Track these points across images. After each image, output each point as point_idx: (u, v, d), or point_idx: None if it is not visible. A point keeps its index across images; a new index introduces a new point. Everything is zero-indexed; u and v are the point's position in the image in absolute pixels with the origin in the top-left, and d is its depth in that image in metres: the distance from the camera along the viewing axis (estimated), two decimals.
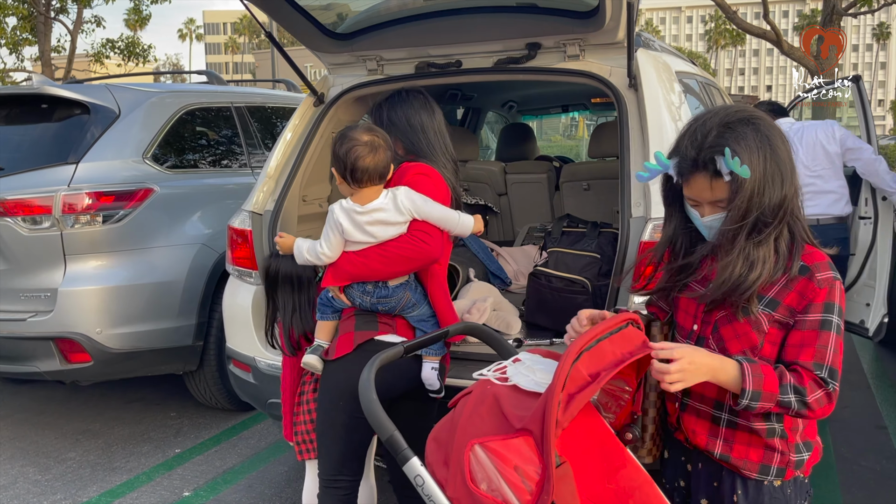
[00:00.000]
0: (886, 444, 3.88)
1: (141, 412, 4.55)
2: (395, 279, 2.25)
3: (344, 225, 2.19)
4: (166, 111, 4.41)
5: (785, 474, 1.64)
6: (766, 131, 1.56)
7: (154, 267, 4.04)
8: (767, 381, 1.53)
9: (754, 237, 1.56)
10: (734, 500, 1.66)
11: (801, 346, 1.56)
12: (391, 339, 2.26)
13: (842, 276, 4.15)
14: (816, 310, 1.55)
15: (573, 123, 26.37)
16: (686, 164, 1.59)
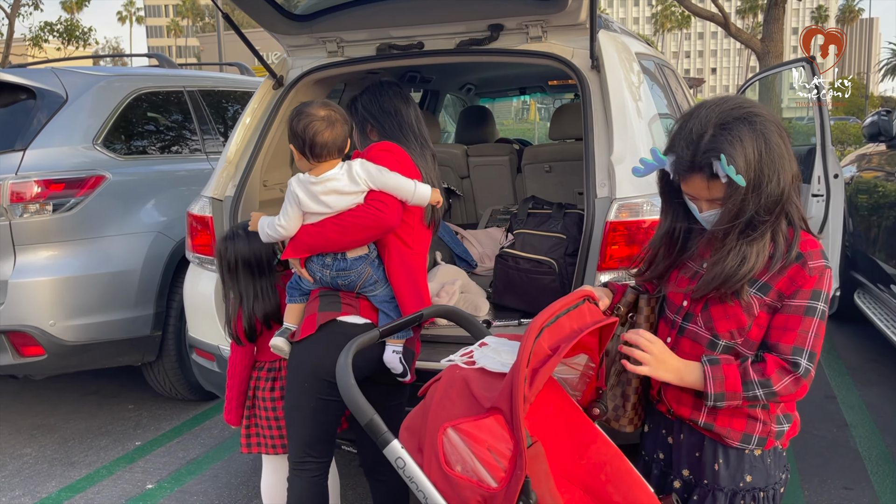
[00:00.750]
0: (836, 413, 4.03)
1: (97, 405, 4.44)
2: (353, 251, 2.25)
3: (300, 196, 2.19)
4: (116, 95, 4.28)
5: (766, 444, 1.68)
6: (763, 128, 1.56)
7: (108, 256, 3.93)
8: (729, 382, 1.60)
9: (748, 234, 1.57)
10: (716, 468, 1.71)
11: (784, 330, 1.59)
12: (354, 320, 2.26)
13: None
14: (804, 296, 1.58)
15: (524, 107, 26.56)
16: (682, 165, 1.60)
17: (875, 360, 4.86)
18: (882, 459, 3.47)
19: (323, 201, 2.18)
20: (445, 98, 5.95)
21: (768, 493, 1.71)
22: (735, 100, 1.63)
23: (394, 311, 2.30)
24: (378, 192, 2.20)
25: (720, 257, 1.59)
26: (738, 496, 1.70)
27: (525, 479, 1.43)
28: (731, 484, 1.70)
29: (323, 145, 2.17)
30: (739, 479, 1.70)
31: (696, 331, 1.70)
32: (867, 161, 5.47)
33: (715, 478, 1.71)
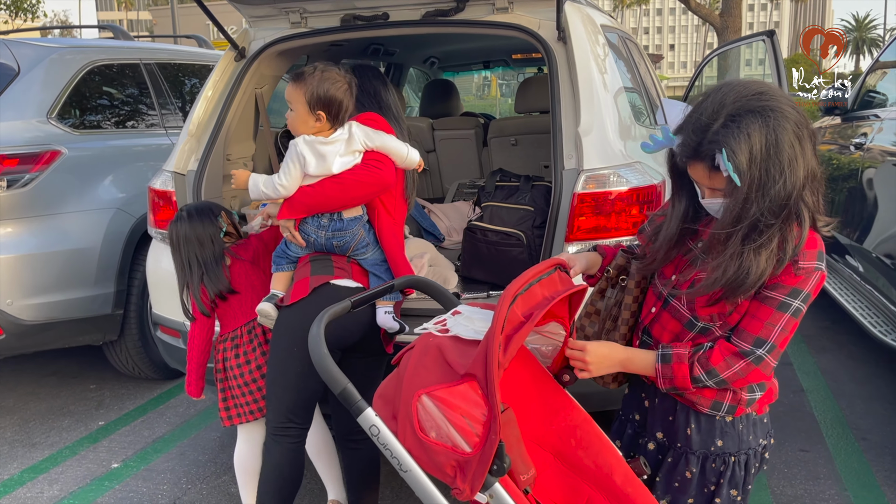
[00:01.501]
0: (793, 379, 4.16)
1: (57, 386, 4.35)
2: (349, 212, 2.28)
3: (307, 156, 2.21)
4: (70, 68, 4.14)
5: (736, 411, 1.70)
6: (776, 124, 1.46)
7: (66, 233, 3.83)
8: (679, 379, 1.63)
9: (754, 239, 1.49)
10: (688, 433, 1.74)
11: (753, 317, 1.58)
12: (347, 284, 2.28)
13: None
14: (782, 291, 1.54)
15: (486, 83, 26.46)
16: (686, 151, 1.55)
17: (829, 328, 5.01)
18: (836, 422, 3.60)
19: (327, 163, 2.22)
20: (409, 72, 5.89)
21: (740, 458, 1.73)
22: (756, 87, 1.52)
23: (385, 274, 2.34)
24: (374, 152, 2.26)
25: (721, 262, 1.52)
26: (709, 460, 1.73)
27: (499, 443, 1.45)
28: (702, 448, 1.73)
29: (346, 110, 2.25)
30: (710, 444, 1.72)
31: (679, 308, 1.69)
32: (822, 134, 5.59)
33: (687, 441, 1.75)
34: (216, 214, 2.52)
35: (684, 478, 1.77)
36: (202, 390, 2.62)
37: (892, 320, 3.70)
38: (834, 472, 3.13)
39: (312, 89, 2.19)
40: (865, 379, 4.14)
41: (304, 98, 2.21)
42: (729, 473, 1.73)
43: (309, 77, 2.22)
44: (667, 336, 1.72)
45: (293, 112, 2.24)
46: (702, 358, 1.60)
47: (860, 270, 4.20)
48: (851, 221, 4.40)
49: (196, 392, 2.61)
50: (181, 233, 2.47)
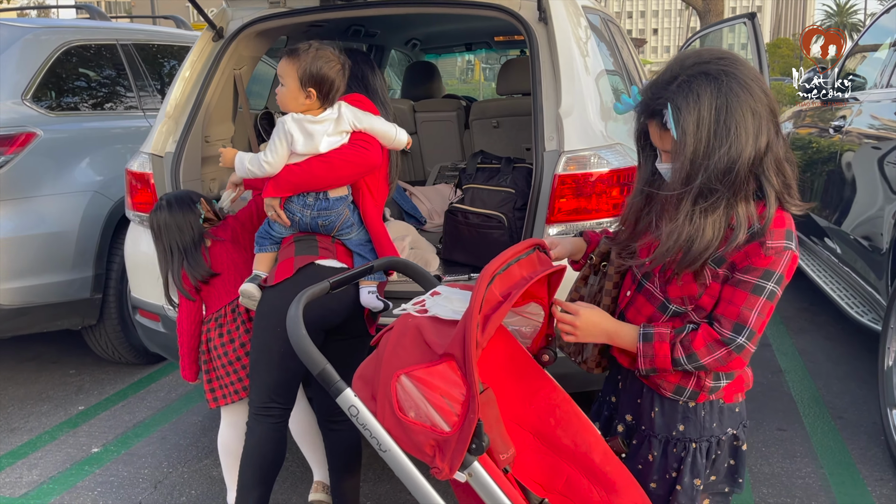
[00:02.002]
0: (771, 360, 4.21)
1: (36, 371, 4.31)
2: (335, 191, 2.27)
3: (295, 134, 2.20)
4: (45, 49, 4.07)
5: (698, 397, 1.69)
6: (727, 90, 1.46)
7: (43, 217, 3.78)
8: (659, 359, 1.61)
9: (700, 203, 1.49)
10: (651, 416, 1.74)
11: (729, 303, 1.56)
12: (332, 264, 2.27)
13: None
14: (755, 273, 1.52)
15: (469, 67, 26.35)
16: (643, 108, 1.57)
17: (807, 310, 5.07)
18: (813, 402, 3.65)
19: (315, 141, 2.20)
20: (391, 54, 5.85)
21: (701, 445, 1.71)
22: (720, 54, 1.53)
23: (370, 254, 2.33)
24: (361, 133, 2.26)
25: (675, 227, 1.51)
26: (670, 444, 1.73)
27: (478, 422, 1.45)
28: (664, 432, 1.73)
29: (337, 90, 2.24)
30: (672, 428, 1.72)
31: (652, 290, 1.69)
32: (802, 117, 5.63)
33: (651, 424, 1.74)
34: (195, 202, 2.52)
35: (647, 461, 1.76)
36: (197, 374, 2.60)
37: (868, 302, 3.75)
38: (810, 451, 3.18)
39: (306, 66, 2.18)
40: (842, 359, 4.20)
41: (297, 74, 2.19)
42: (689, 460, 1.71)
43: (303, 53, 2.20)
44: (641, 320, 1.71)
45: (283, 87, 2.23)
46: (685, 340, 1.59)
47: (838, 252, 4.25)
48: (830, 204, 4.44)
49: (191, 376, 2.60)
50: (161, 221, 2.47)
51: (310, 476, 3.02)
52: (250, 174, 2.29)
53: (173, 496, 2.96)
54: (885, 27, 4.72)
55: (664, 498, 1.77)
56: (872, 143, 3.82)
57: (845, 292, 4.12)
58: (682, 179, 1.49)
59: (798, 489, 2.89)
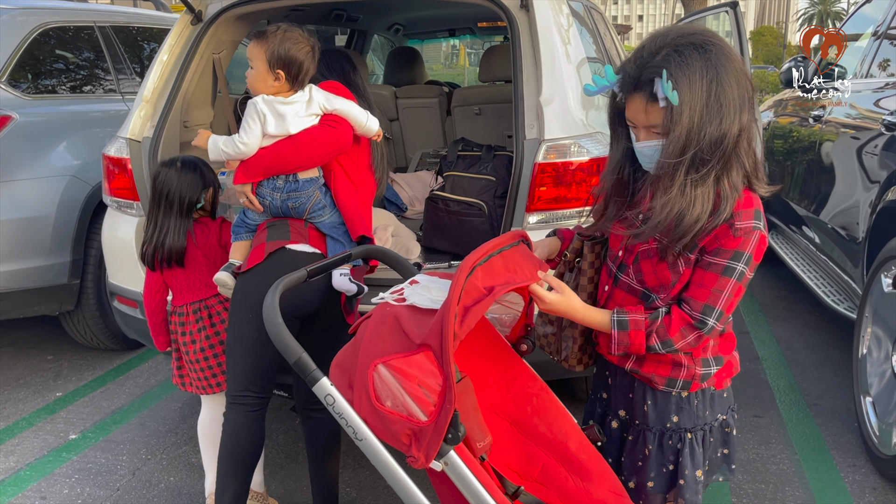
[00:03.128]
0: (748, 348, 4.26)
1: (14, 357, 4.27)
2: (304, 173, 2.26)
3: (267, 115, 2.20)
4: (20, 30, 4.00)
5: (691, 386, 1.69)
6: (717, 61, 1.46)
7: (19, 201, 3.73)
8: (634, 346, 1.61)
9: (692, 174, 1.48)
10: (644, 409, 1.74)
11: (700, 286, 1.57)
12: (303, 249, 2.26)
13: None
14: (725, 255, 1.53)
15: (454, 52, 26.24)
16: (627, 82, 1.53)
17: (786, 298, 5.13)
18: (789, 389, 3.70)
19: (286, 122, 2.20)
20: (373, 39, 5.80)
21: (696, 433, 1.72)
22: (701, 29, 1.54)
23: (343, 237, 2.32)
24: (332, 114, 2.26)
25: (669, 199, 1.49)
26: (665, 436, 1.73)
27: (454, 412, 1.46)
28: (658, 424, 1.72)
29: (307, 72, 2.24)
30: (666, 420, 1.72)
31: (629, 282, 1.69)
32: (783, 107, 5.66)
33: (644, 418, 1.74)
34: (205, 187, 2.48)
35: (644, 455, 1.76)
36: (167, 343, 2.59)
37: (844, 290, 3.79)
38: (785, 437, 3.22)
39: (273, 48, 2.18)
40: (819, 347, 4.25)
41: (265, 56, 2.19)
42: (687, 451, 1.72)
43: (271, 35, 2.20)
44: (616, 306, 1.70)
45: (252, 70, 2.22)
46: (660, 329, 1.59)
47: (816, 241, 4.29)
48: (809, 193, 4.48)
49: (163, 345, 2.60)
50: (174, 188, 2.43)
51: (289, 464, 3.02)
52: (225, 156, 2.27)
53: (151, 483, 2.95)
54: (868, 16, 4.74)
55: (663, 493, 1.76)
56: (851, 133, 3.85)
57: (822, 281, 4.16)
58: (678, 150, 1.47)
59: (772, 475, 2.93)
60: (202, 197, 2.48)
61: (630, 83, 1.53)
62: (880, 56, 4.10)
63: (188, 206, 2.44)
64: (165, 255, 2.43)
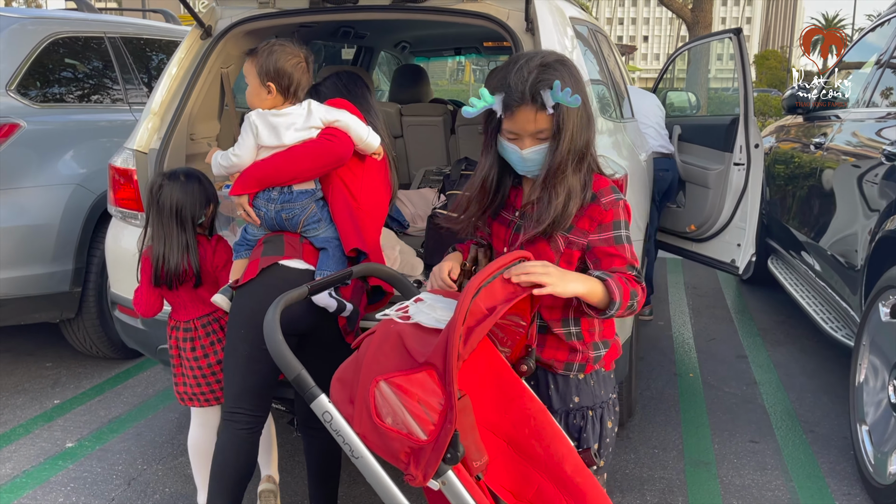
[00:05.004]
0: (746, 372, 4.26)
1: (12, 363, 4.28)
2: (300, 185, 2.29)
3: (259, 127, 2.25)
4: (31, 39, 4.05)
5: (585, 369, 1.88)
6: (577, 74, 1.76)
7: (23, 209, 3.76)
8: (625, 291, 1.72)
9: (573, 168, 1.75)
10: (549, 393, 1.90)
11: (612, 257, 1.78)
12: (295, 265, 2.27)
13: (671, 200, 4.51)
14: (607, 228, 1.78)
15: (459, 68, 26.37)
16: (514, 98, 1.72)
17: (784, 323, 5.14)
18: (786, 415, 3.70)
19: (279, 134, 2.24)
20: (380, 56, 5.85)
21: (596, 411, 1.91)
22: (550, 50, 1.89)
23: (336, 250, 2.33)
24: (331, 127, 2.29)
25: (557, 191, 1.73)
26: (570, 415, 1.90)
27: (454, 432, 1.47)
28: (562, 406, 1.89)
29: (298, 84, 2.28)
30: (569, 401, 1.89)
31: None
32: (785, 132, 5.70)
33: (549, 402, 1.89)
34: (206, 202, 2.47)
35: None
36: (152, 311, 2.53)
37: (842, 317, 3.80)
38: (781, 463, 3.22)
39: (262, 62, 2.25)
40: (816, 373, 4.26)
41: (255, 70, 2.27)
42: (589, 427, 1.90)
43: (260, 50, 2.29)
44: (544, 311, 1.83)
45: (249, 86, 2.29)
46: (627, 283, 1.74)
47: (815, 268, 4.31)
48: (809, 220, 4.50)
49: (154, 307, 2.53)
50: (173, 200, 2.40)
51: (284, 478, 3.03)
52: (223, 170, 2.32)
53: (147, 493, 2.95)
54: (872, 44, 4.78)
55: None
56: (852, 161, 3.87)
57: (821, 307, 4.18)
58: (567, 148, 1.72)
59: (767, 501, 2.93)
60: (203, 213, 2.47)
61: (517, 98, 1.72)
62: (883, 84, 4.13)
63: (192, 219, 2.43)
64: (172, 275, 2.40)
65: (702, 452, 3.31)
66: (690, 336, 4.87)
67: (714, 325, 5.11)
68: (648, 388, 4.00)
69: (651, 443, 3.38)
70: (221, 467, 2.27)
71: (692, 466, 3.19)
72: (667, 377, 4.17)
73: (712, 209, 4.27)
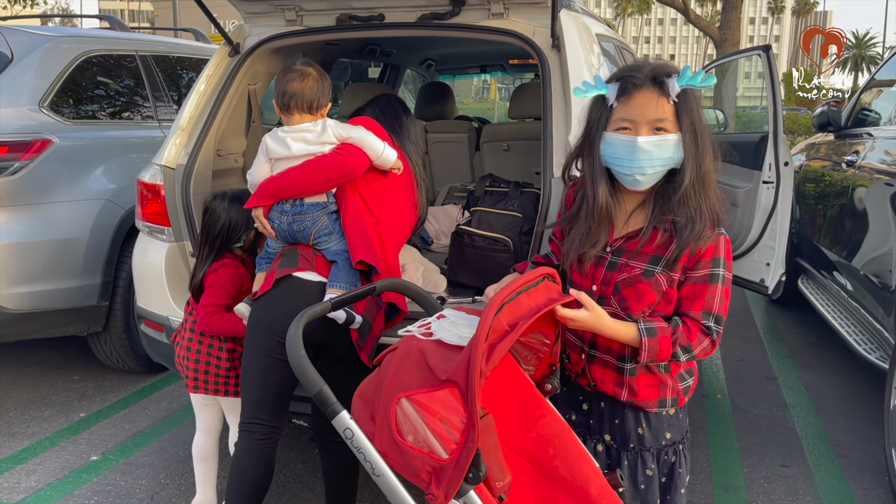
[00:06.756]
0: (776, 394, 4.17)
1: (40, 376, 4.33)
2: (312, 197, 2.34)
3: (268, 143, 2.35)
4: (64, 57, 4.12)
5: (678, 403, 1.85)
6: (698, 94, 1.67)
7: (54, 223, 3.81)
8: (661, 354, 1.69)
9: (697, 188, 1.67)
10: (640, 432, 1.84)
11: (693, 299, 1.71)
12: (309, 277, 2.30)
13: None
14: (705, 266, 1.69)
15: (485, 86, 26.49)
16: (635, 80, 1.63)
17: (815, 344, 5.03)
18: (818, 439, 3.61)
19: (287, 144, 2.31)
20: (406, 73, 5.89)
21: (685, 444, 1.89)
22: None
23: (346, 263, 2.34)
24: (346, 143, 2.33)
25: (702, 209, 1.66)
26: (662, 452, 1.85)
27: (476, 452, 1.45)
28: (655, 444, 1.85)
29: (291, 95, 2.32)
30: (661, 438, 1.85)
31: (614, 311, 1.76)
32: (815, 150, 5.61)
33: (641, 441, 1.85)
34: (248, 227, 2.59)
35: (647, 477, 1.85)
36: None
37: (876, 339, 3.71)
38: (813, 489, 3.14)
39: (275, 86, 2.38)
40: (848, 396, 4.15)
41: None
42: (682, 460, 1.87)
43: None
44: (613, 344, 1.78)
45: None
46: (681, 336, 1.69)
47: (848, 288, 4.22)
48: (840, 238, 4.42)
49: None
50: (230, 220, 2.57)
51: (305, 494, 3.01)
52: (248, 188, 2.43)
53: None
54: None
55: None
56: (885, 179, 3.80)
57: (854, 328, 4.08)
58: (706, 152, 1.66)
59: None
60: (242, 237, 2.58)
61: (640, 80, 1.63)
62: None
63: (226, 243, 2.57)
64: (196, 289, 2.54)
65: (730, 476, 3.23)
66: (718, 357, 4.79)
67: (742, 346, 5.01)
68: None
69: None
70: (239, 477, 2.29)
71: (721, 490, 3.11)
72: (694, 398, 4.06)
73: (740, 228, 4.20)
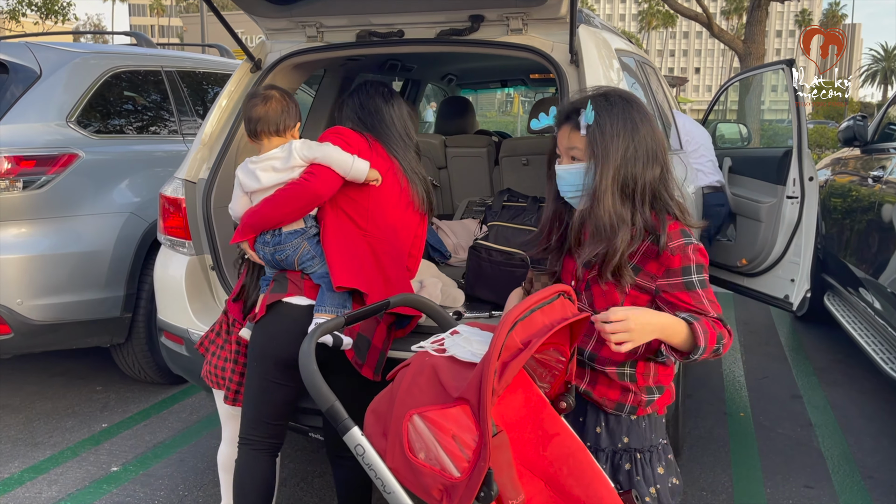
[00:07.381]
0: (801, 413, 4.10)
1: (64, 386, 4.39)
2: (289, 226, 2.34)
3: (239, 176, 2.38)
4: (92, 73, 4.21)
5: (637, 411, 1.85)
6: (636, 115, 1.73)
7: (79, 236, 3.88)
8: (711, 336, 1.68)
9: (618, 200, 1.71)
10: (597, 431, 1.88)
11: (687, 303, 1.72)
12: (298, 301, 2.33)
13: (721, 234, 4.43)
14: (676, 274, 1.72)
15: (508, 100, 26.53)
16: (560, 116, 1.80)
17: (841, 362, 4.94)
18: (843, 459, 3.53)
19: (257, 176, 2.32)
20: (427, 88, 5.92)
21: (645, 455, 1.85)
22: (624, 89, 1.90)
23: (331, 286, 2.33)
24: (314, 164, 2.31)
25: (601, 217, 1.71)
26: (616, 455, 1.86)
27: (488, 470, 1.44)
28: (610, 445, 1.86)
29: (256, 120, 2.34)
30: (617, 441, 1.85)
31: (582, 308, 1.79)
32: (841, 165, 5.54)
33: (597, 440, 1.87)
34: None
35: None
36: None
37: None
38: None
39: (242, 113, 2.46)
40: (875, 415, 4.07)
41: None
42: (638, 469, 1.84)
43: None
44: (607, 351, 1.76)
45: None
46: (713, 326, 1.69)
47: (875, 305, 4.14)
48: (868, 255, 4.34)
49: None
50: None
51: None
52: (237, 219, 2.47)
53: None
54: None
55: None
56: None
57: (881, 346, 4.00)
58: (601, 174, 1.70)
59: None
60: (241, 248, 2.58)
61: (561, 117, 1.79)
62: None
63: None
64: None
65: (753, 496, 3.17)
66: (741, 374, 4.72)
67: (766, 363, 4.94)
68: (697, 427, 3.87)
69: (699, 484, 3.26)
70: (241, 487, 2.35)
71: None
72: (716, 416, 4.03)
73: (764, 243, 4.16)
